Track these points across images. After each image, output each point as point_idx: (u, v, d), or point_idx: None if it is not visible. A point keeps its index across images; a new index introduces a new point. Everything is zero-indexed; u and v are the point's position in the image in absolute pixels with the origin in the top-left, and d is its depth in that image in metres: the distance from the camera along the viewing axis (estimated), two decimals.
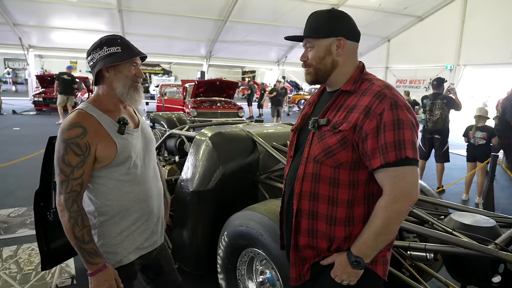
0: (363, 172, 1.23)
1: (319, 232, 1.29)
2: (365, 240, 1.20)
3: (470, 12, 14.65)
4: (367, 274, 1.26)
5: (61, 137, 1.37)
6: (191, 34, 17.15)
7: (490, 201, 4.02)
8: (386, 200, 1.17)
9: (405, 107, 1.18)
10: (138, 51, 1.48)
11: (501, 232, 1.92)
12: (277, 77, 22.02)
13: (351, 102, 1.25)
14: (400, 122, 1.15)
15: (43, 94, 13.99)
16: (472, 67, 15.16)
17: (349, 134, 1.20)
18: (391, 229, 1.20)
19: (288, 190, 1.41)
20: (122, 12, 14.86)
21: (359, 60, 1.36)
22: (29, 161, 5.76)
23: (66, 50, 18.28)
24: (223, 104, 11.25)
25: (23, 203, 4.41)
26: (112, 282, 1.42)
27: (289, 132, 3.22)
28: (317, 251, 1.32)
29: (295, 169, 1.35)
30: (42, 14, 14.60)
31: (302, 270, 1.36)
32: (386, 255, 1.31)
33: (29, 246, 3.36)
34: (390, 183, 1.16)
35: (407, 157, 1.14)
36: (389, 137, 1.14)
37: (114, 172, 1.46)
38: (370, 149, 1.17)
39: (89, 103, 1.48)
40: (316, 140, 1.28)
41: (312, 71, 1.33)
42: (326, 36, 1.28)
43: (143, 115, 1.75)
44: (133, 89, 1.48)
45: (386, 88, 1.21)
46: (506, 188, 6.02)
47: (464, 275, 1.94)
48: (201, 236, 2.58)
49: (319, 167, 1.26)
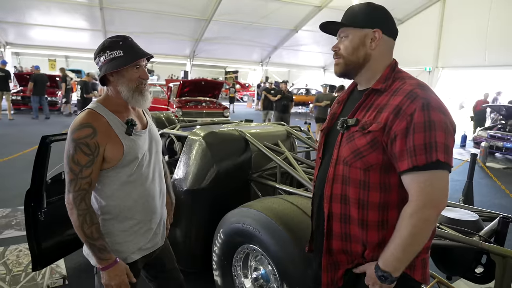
0: (395, 175, 1.16)
1: (352, 236, 1.24)
2: (392, 252, 1.12)
3: (448, 16, 15.16)
4: (404, 280, 1.18)
5: (71, 136, 1.38)
6: (174, 33, 17.01)
7: (469, 198, 4.21)
8: (412, 207, 1.10)
9: (438, 108, 1.10)
10: (142, 52, 1.47)
11: (484, 226, 2.05)
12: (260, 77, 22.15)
13: (381, 101, 1.19)
14: (432, 124, 1.08)
15: (21, 92, 13.60)
16: (449, 69, 15.67)
17: (379, 135, 1.14)
18: (419, 239, 1.11)
19: (318, 192, 1.37)
20: (103, 10, 14.62)
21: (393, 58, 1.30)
22: (11, 162, 5.63)
23: (45, 47, 17.81)
24: (208, 104, 11.24)
25: (7, 205, 4.31)
26: (123, 277, 1.45)
27: (280, 132, 3.34)
28: (351, 256, 1.27)
29: (324, 171, 1.31)
30: (20, 10, 14.17)
31: (335, 275, 1.31)
32: (425, 258, 1.23)
33: (17, 247, 3.30)
34: (416, 188, 1.09)
35: (438, 160, 1.07)
36: (418, 139, 1.08)
37: (120, 173, 1.47)
38: (398, 150, 1.11)
39: (99, 103, 1.49)
40: (345, 141, 1.23)
41: (342, 62, 1.27)
42: (362, 26, 1.23)
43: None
44: (138, 92, 1.48)
45: (419, 88, 1.14)
46: (483, 186, 6.30)
47: (450, 267, 2.06)
48: (195, 235, 2.61)
49: (349, 169, 1.21)
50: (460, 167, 6.35)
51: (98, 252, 1.40)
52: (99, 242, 1.40)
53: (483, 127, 10.65)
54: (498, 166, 8.34)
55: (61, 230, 2.65)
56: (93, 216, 1.41)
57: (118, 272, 1.43)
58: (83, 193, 1.38)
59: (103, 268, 1.42)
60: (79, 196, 1.38)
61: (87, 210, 1.39)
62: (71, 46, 17.39)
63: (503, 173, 7.72)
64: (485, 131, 9.57)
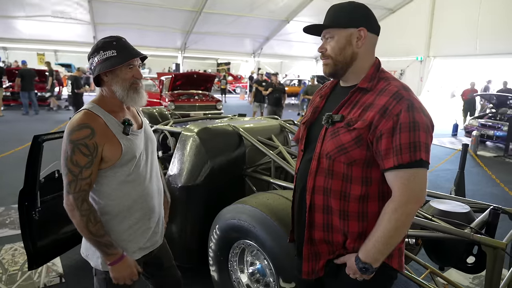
0: (376, 170, 1.22)
1: (334, 227, 1.28)
2: (374, 244, 1.18)
3: (439, 5, 15.19)
4: (383, 268, 1.24)
5: (68, 137, 1.37)
6: (165, 25, 16.80)
7: (461, 188, 4.27)
8: (396, 202, 1.16)
9: (421, 109, 1.17)
10: (135, 52, 1.47)
11: (475, 217, 2.09)
12: (252, 68, 22.04)
13: (367, 100, 1.23)
14: (416, 124, 1.14)
15: (11, 88, 13.37)
16: (441, 59, 15.76)
17: (364, 132, 1.19)
18: (401, 232, 1.18)
19: (300, 184, 1.40)
20: (92, 2, 14.38)
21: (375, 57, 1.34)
22: (3, 160, 5.57)
23: (32, 41, 17.48)
24: (201, 97, 11.16)
25: (0, 203, 4.27)
26: (132, 269, 1.47)
27: (273, 126, 3.35)
28: (332, 246, 1.31)
29: (307, 164, 1.34)
30: (5, 2, 13.88)
31: (316, 265, 1.35)
32: (401, 247, 1.30)
33: (12, 247, 3.29)
34: (400, 185, 1.15)
35: (421, 159, 1.13)
36: (404, 138, 1.13)
37: (118, 172, 1.48)
38: (383, 149, 1.16)
39: (95, 103, 1.48)
40: (329, 136, 1.26)
41: (330, 62, 1.29)
42: (346, 26, 1.25)
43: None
44: (133, 91, 1.48)
45: (403, 89, 1.20)
46: (475, 174, 6.40)
47: (442, 258, 2.10)
48: (190, 230, 2.63)
49: (332, 163, 1.25)
50: (452, 157, 6.43)
51: (106, 248, 1.42)
52: (105, 238, 1.42)
53: (472, 116, 10.77)
54: (489, 155, 8.46)
55: (56, 229, 2.65)
56: (96, 214, 1.42)
57: (127, 266, 1.45)
58: (83, 194, 1.38)
59: (111, 263, 1.44)
60: (80, 198, 1.37)
61: (90, 210, 1.40)
62: (59, 39, 17.15)
63: (494, 161, 7.84)
64: (476, 120, 9.67)
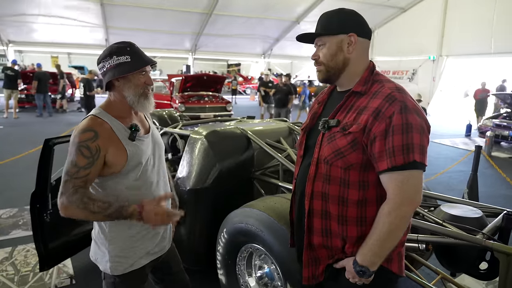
0: (373, 173, 1.22)
1: (333, 232, 1.29)
2: (370, 247, 1.19)
3: (452, 3, 14.91)
4: (382, 272, 1.24)
5: (73, 140, 1.38)
6: (175, 27, 16.97)
7: (474, 190, 4.19)
8: (390, 205, 1.17)
9: (414, 110, 1.17)
10: (147, 59, 1.48)
11: (487, 222, 2.03)
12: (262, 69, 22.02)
13: (361, 103, 1.24)
14: (409, 126, 1.14)
15: (25, 90, 13.63)
16: (454, 58, 15.46)
17: (359, 136, 1.20)
18: (396, 235, 1.19)
19: (299, 190, 1.41)
20: (104, 6, 14.58)
21: (369, 59, 1.35)
22: (17, 161, 5.68)
23: (47, 44, 17.85)
24: (211, 99, 11.20)
25: (14, 204, 4.36)
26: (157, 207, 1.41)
27: (282, 128, 3.33)
28: (331, 251, 1.32)
29: (305, 169, 1.35)
30: (21, 8, 14.19)
31: (316, 270, 1.36)
32: (401, 251, 1.30)
33: (24, 248, 3.35)
34: (394, 187, 1.16)
35: (415, 161, 1.13)
36: (397, 140, 1.14)
37: (125, 178, 1.47)
38: (377, 151, 1.17)
39: (102, 109, 1.49)
40: (326, 141, 1.28)
41: (323, 69, 1.32)
42: (336, 33, 1.28)
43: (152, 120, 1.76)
44: (144, 97, 1.49)
45: (396, 91, 1.20)
46: (488, 176, 6.26)
47: (453, 264, 2.05)
48: (199, 233, 2.63)
49: (330, 168, 1.26)
50: (465, 158, 6.30)
51: (122, 211, 1.36)
52: (112, 208, 1.35)
53: (484, 116, 10.54)
54: (504, 156, 8.27)
55: (67, 231, 2.68)
56: (89, 194, 1.36)
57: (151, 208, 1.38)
58: (76, 188, 1.33)
59: (138, 218, 1.38)
60: (72, 191, 1.32)
61: (83, 195, 1.33)
62: (72, 42, 17.43)
63: (509, 162, 7.66)
64: (491, 120, 9.47)
